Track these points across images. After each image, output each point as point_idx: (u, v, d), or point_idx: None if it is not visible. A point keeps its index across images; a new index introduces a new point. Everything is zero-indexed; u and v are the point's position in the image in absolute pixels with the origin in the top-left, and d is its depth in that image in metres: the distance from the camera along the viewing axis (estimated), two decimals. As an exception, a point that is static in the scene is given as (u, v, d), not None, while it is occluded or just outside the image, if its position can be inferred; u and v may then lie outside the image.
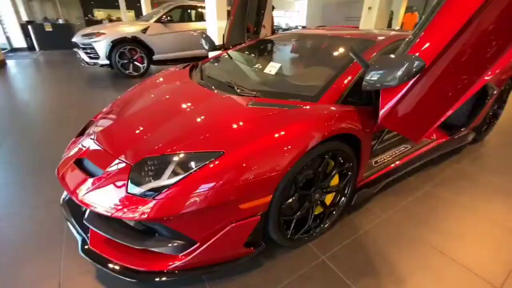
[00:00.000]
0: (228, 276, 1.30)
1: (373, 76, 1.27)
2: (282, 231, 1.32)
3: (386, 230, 1.63)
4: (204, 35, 2.86)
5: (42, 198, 1.83)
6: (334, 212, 1.56)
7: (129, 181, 1.14)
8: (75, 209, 1.49)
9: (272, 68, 1.96)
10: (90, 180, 1.24)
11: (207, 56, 5.40)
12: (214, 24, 4.12)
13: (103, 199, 1.15)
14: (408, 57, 1.14)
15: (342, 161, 1.42)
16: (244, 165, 1.09)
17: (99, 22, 11.88)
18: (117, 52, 5.11)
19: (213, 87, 1.74)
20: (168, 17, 5.53)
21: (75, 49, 5.37)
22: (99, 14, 15.65)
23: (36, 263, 1.36)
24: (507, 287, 1.29)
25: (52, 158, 2.28)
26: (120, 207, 1.10)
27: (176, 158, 1.15)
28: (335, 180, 1.48)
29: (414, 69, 1.11)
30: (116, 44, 5.08)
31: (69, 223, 1.44)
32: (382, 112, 1.38)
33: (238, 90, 1.57)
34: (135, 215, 1.07)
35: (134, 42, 5.24)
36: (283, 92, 1.63)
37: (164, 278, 1.17)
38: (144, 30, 5.29)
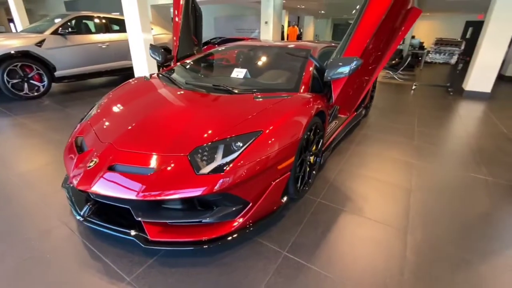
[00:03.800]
0: (267, 226, 1.71)
1: (329, 72, 1.95)
2: (295, 185, 1.83)
3: (344, 175, 2.39)
4: (152, 46, 2.98)
5: (28, 231, 1.66)
6: (315, 169, 2.19)
7: (192, 166, 1.39)
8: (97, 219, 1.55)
9: (239, 73, 2.42)
10: (143, 178, 1.39)
11: (128, 69, 5.17)
12: (140, 36, 4.12)
13: (174, 186, 1.35)
14: (351, 58, 1.86)
15: (318, 131, 2.06)
16: (278, 136, 1.55)
17: None
18: (4, 70, 4.21)
19: (204, 91, 2.06)
20: (69, 29, 4.93)
21: None
22: None
23: (96, 282, 1.36)
24: (414, 189, 2.25)
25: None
26: (196, 186, 1.34)
27: (224, 142, 1.48)
28: (314, 147, 2.11)
29: (355, 66, 1.84)
30: (1, 61, 4.19)
31: (109, 231, 1.49)
32: (334, 95, 2.10)
33: (235, 90, 1.97)
34: (206, 187, 1.34)
35: (26, 57, 4.45)
36: (270, 88, 2.14)
37: (231, 238, 1.47)
38: (40, 43, 4.56)
